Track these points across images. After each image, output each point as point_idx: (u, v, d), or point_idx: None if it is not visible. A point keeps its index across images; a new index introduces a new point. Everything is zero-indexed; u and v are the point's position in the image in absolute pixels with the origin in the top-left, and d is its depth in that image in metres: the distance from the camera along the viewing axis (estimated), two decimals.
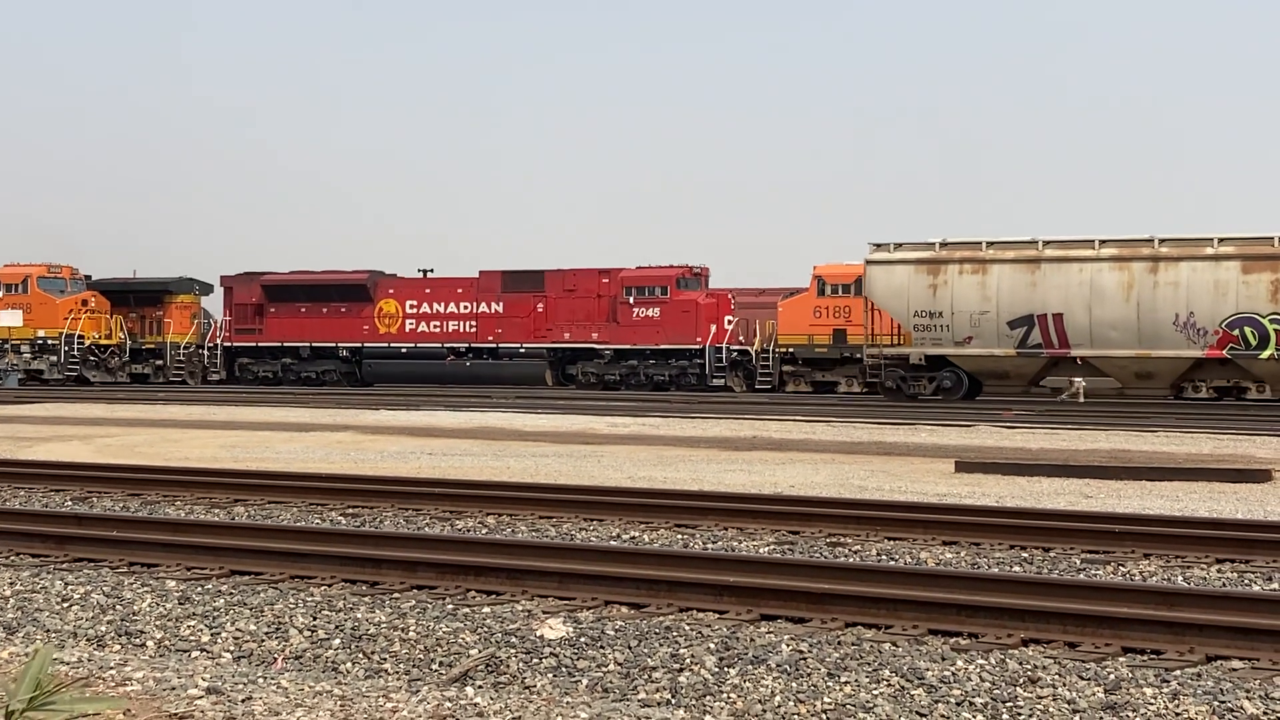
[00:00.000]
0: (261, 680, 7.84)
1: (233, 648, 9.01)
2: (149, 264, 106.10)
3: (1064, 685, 7.68)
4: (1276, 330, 34.81)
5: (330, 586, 10.67)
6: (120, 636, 9.36)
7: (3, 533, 12.75)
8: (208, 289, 54.11)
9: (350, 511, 14.99)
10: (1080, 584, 9.73)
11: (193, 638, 9.26)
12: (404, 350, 49.38)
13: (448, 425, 29.37)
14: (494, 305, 48.18)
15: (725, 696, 7.73)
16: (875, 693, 7.66)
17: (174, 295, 53.44)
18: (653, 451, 23.32)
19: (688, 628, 9.05)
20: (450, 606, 9.79)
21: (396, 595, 10.31)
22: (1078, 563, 11.72)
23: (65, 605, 10.14)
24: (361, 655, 8.75)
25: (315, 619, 9.46)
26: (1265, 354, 34.99)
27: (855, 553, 12.30)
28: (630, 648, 8.60)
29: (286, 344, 51.15)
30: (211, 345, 52.49)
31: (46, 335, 51.81)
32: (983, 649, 8.48)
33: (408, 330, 49.37)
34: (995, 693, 7.61)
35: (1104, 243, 36.35)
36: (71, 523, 13.41)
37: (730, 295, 46.59)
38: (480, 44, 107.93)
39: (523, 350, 47.80)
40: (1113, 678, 7.79)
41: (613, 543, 12.80)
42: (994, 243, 37.33)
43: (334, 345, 50.55)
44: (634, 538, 13.20)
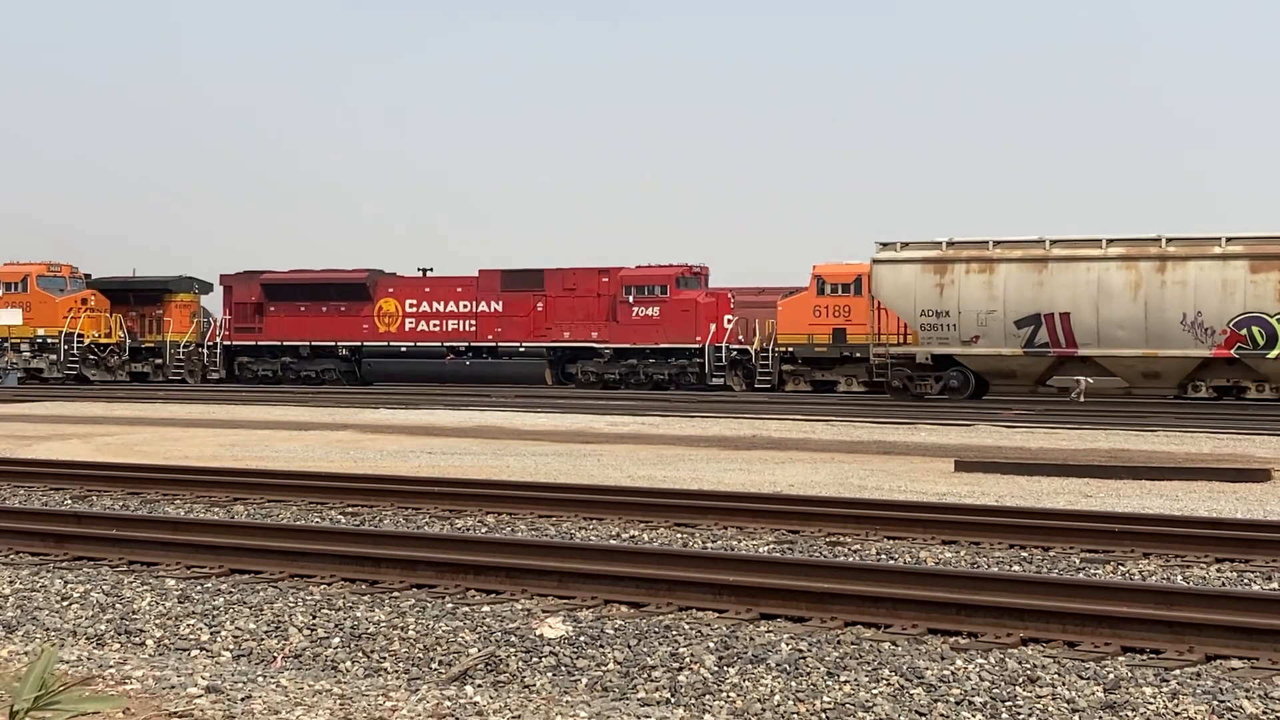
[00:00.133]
0: (261, 679, 7.84)
1: (232, 646, 9.01)
2: (148, 263, 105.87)
3: (1063, 684, 7.69)
4: None
5: (330, 585, 10.67)
6: (120, 635, 9.36)
7: (2, 531, 12.75)
8: (207, 288, 54.10)
9: (350, 510, 14.99)
10: (1080, 583, 9.73)
11: (192, 636, 9.26)
12: (403, 349, 49.36)
13: (447, 424, 29.37)
14: (493, 304, 48.16)
15: (725, 695, 7.74)
16: (875, 692, 7.66)
17: (173, 294, 53.40)
18: (652, 450, 23.32)
19: (687, 627, 9.06)
20: (450, 605, 9.79)
21: (396, 594, 10.31)
22: (1077, 562, 11.72)
23: (65, 604, 10.14)
24: (361, 654, 8.75)
25: (315, 618, 9.46)
26: (1273, 354, 34.91)
27: (855, 552, 12.30)
28: (630, 647, 8.60)
29: (286, 343, 51.12)
30: (211, 344, 52.47)
31: (46, 334, 51.80)
32: (982, 648, 8.48)
33: (407, 329, 49.34)
34: (995, 692, 7.61)
35: (1111, 242, 36.23)
36: (71, 521, 13.41)
37: (730, 294, 46.57)
38: (480, 43, 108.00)
39: (522, 349, 47.78)
40: (1112, 677, 7.79)
41: (612, 542, 12.80)
42: (1001, 242, 37.22)
43: (333, 344, 50.52)
44: (633, 537, 13.20)
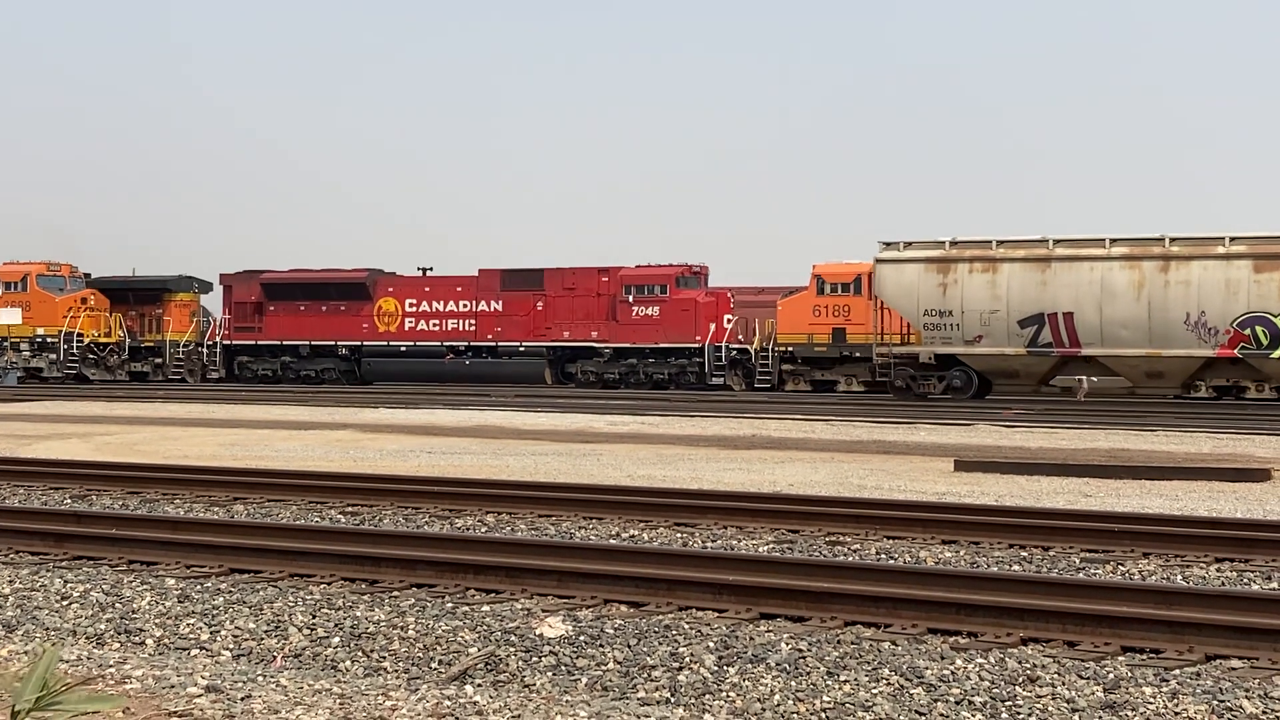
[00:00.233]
0: (261, 678, 7.84)
1: (232, 646, 9.01)
2: (148, 262, 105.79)
3: (1063, 684, 7.69)
4: None
5: (329, 585, 10.66)
6: (119, 635, 9.36)
7: (2, 530, 12.75)
8: (207, 287, 54.09)
9: (349, 510, 14.99)
10: (1079, 583, 9.73)
11: (192, 636, 9.26)
12: (403, 349, 49.35)
13: (447, 424, 29.37)
14: (493, 304, 48.15)
15: (724, 695, 7.74)
16: (874, 691, 7.66)
17: (173, 293, 53.39)
18: (652, 450, 23.33)
19: (687, 626, 9.06)
20: (449, 605, 9.79)
21: (396, 593, 10.31)
22: (1077, 562, 11.72)
23: (64, 603, 10.14)
24: (361, 653, 8.75)
25: (314, 617, 9.46)
26: (1277, 353, 34.82)
27: (854, 551, 12.30)
28: (629, 646, 8.60)
29: (286, 342, 51.11)
30: (211, 343, 52.47)
31: (46, 333, 51.80)
32: (982, 648, 8.48)
33: (407, 329, 49.34)
34: (994, 691, 7.61)
35: (1115, 241, 36.17)
36: (71, 521, 13.42)
37: (729, 294, 46.56)
38: (480, 42, 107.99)
39: (522, 349, 47.77)
40: (1112, 677, 7.79)
41: (612, 541, 12.80)
42: (1004, 241, 37.16)
43: (333, 343, 50.51)
44: (633, 536, 13.20)
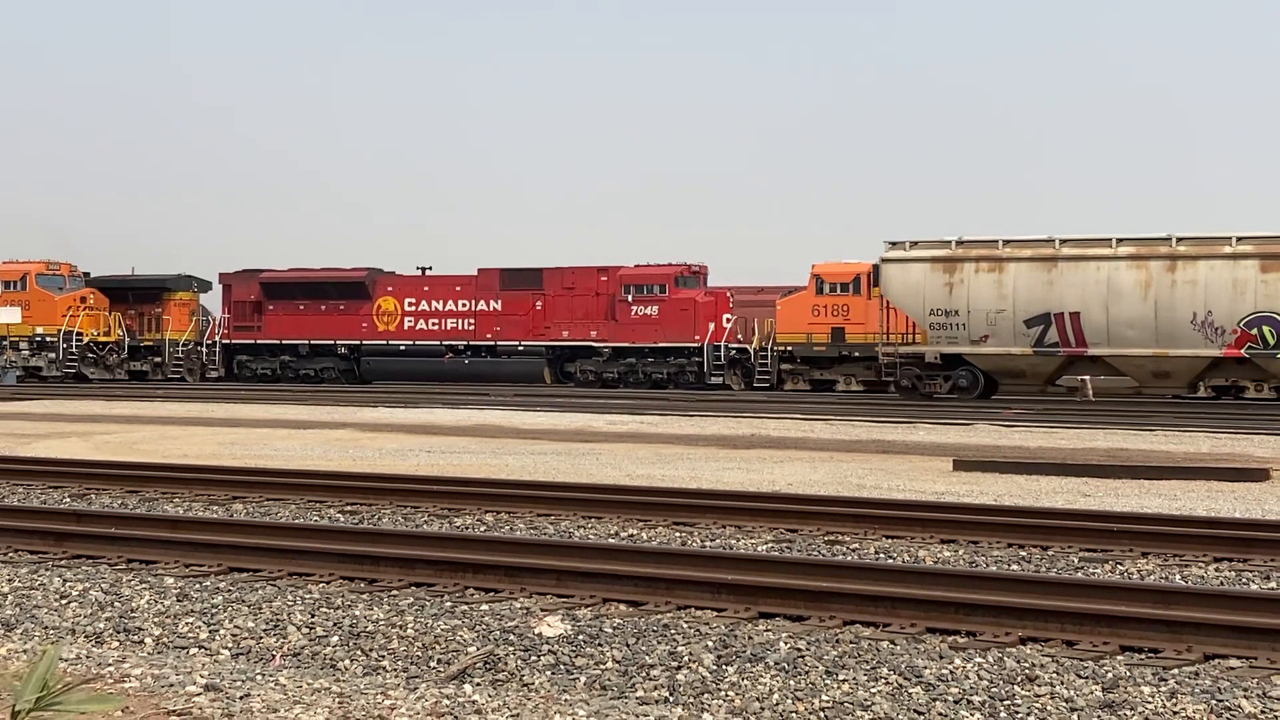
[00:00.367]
0: (260, 677, 7.84)
1: (231, 645, 9.02)
2: (147, 261, 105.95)
3: (1062, 684, 7.69)
4: None
5: (328, 584, 10.67)
6: (119, 633, 9.36)
7: (1, 529, 12.75)
8: (206, 286, 54.07)
9: (348, 509, 14.99)
10: (1078, 583, 9.73)
11: (191, 635, 9.26)
12: (402, 348, 49.34)
13: (446, 423, 29.38)
14: (492, 303, 48.14)
15: (723, 694, 7.74)
16: (873, 691, 7.66)
17: (172, 292, 53.37)
18: (651, 449, 23.33)
19: (686, 626, 9.06)
20: (448, 604, 9.79)
21: (395, 593, 10.31)
22: (1076, 561, 11.72)
23: (64, 602, 10.14)
24: (360, 652, 8.75)
25: (313, 616, 9.46)
26: None
27: (853, 551, 12.30)
28: (628, 645, 8.60)
29: (285, 341, 51.10)
30: (210, 342, 52.46)
31: (45, 332, 51.78)
32: (981, 647, 8.48)
33: (406, 328, 49.33)
34: (993, 691, 7.61)
35: (1121, 241, 36.08)
36: (70, 520, 13.41)
37: (729, 293, 46.56)
38: (479, 41, 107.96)
39: (521, 348, 47.77)
40: (1111, 676, 7.80)
41: (611, 541, 12.80)
42: (1010, 241, 37.07)
43: (332, 343, 50.50)
44: (632, 535, 13.20)
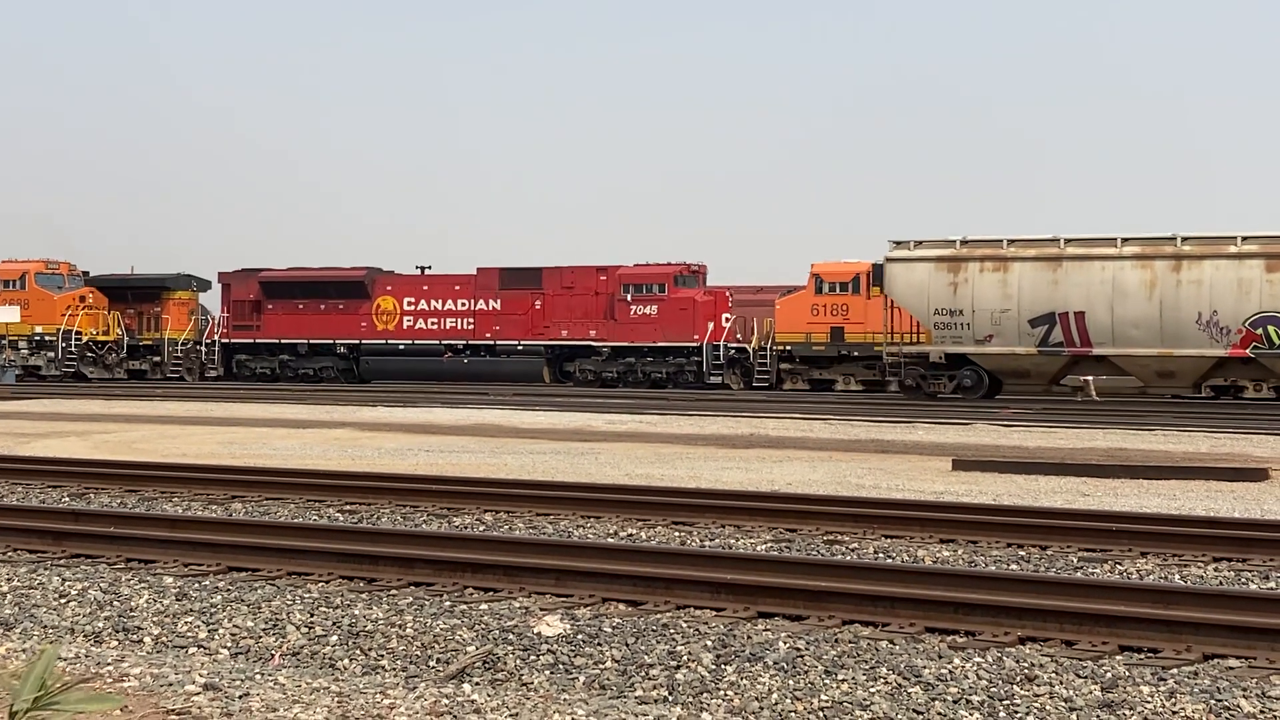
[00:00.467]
0: (259, 677, 7.84)
1: (230, 644, 9.01)
2: (147, 260, 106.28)
3: (1061, 683, 7.69)
4: None
5: (328, 583, 10.67)
6: (117, 633, 9.36)
7: (0, 529, 12.75)
8: (205, 285, 54.07)
9: (348, 508, 14.98)
10: (1077, 582, 9.73)
11: (190, 634, 9.26)
12: (401, 347, 49.35)
13: (445, 422, 29.37)
14: (491, 302, 48.15)
15: (722, 694, 7.74)
16: (872, 690, 7.66)
17: (172, 291, 53.37)
18: (650, 449, 23.32)
19: (685, 625, 9.06)
20: (448, 603, 9.79)
21: (394, 592, 10.31)
22: (1075, 561, 11.72)
23: (62, 601, 10.14)
24: (359, 652, 8.75)
25: (312, 615, 9.46)
26: None
27: (852, 551, 12.30)
28: (627, 645, 8.60)
29: (284, 341, 51.10)
30: (209, 342, 52.47)
31: (44, 331, 51.77)
32: (980, 647, 8.48)
33: (405, 327, 49.33)
34: (992, 691, 7.61)
35: (1126, 241, 35.95)
36: (69, 519, 13.41)
37: (728, 293, 46.58)
38: (478, 40, 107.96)
39: (520, 347, 47.78)
40: (1110, 676, 7.80)
41: (610, 540, 12.80)
42: (1015, 240, 36.93)
43: (331, 342, 50.50)
44: (631, 535, 13.20)
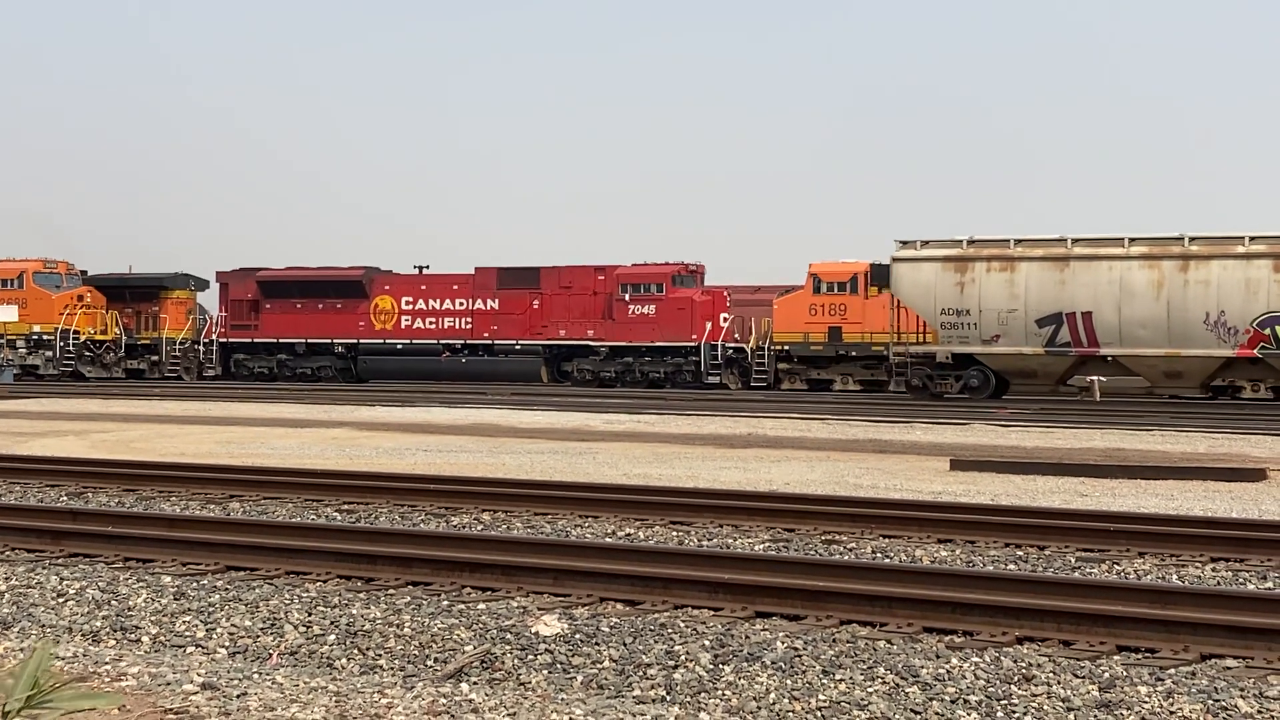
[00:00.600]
0: (257, 676, 7.84)
1: (228, 643, 9.01)
2: (145, 260, 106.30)
3: (1059, 683, 7.69)
4: None
5: (325, 582, 10.67)
6: (115, 632, 9.36)
7: None
8: (203, 285, 54.08)
9: (345, 508, 14.98)
10: (1075, 582, 9.74)
11: (188, 633, 9.26)
12: (399, 347, 49.34)
13: (443, 422, 29.36)
14: (489, 302, 48.15)
15: (720, 694, 7.74)
16: (870, 690, 7.66)
17: (170, 291, 53.38)
18: (648, 449, 23.32)
19: (682, 625, 9.06)
20: (445, 603, 9.79)
21: (392, 591, 10.31)
22: (1073, 561, 11.72)
23: (60, 600, 10.14)
24: (356, 651, 8.75)
25: (310, 615, 9.46)
26: None
27: (850, 550, 12.30)
28: (625, 645, 8.60)
29: (282, 340, 51.09)
30: (207, 341, 52.45)
31: (42, 330, 51.76)
32: (977, 647, 8.49)
33: (403, 327, 49.33)
34: (990, 690, 7.62)
35: (1134, 241, 35.85)
36: (66, 518, 13.40)
37: (726, 293, 46.58)
38: (476, 40, 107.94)
39: (518, 347, 47.78)
40: (1107, 676, 7.80)
41: (608, 540, 12.80)
42: (1022, 240, 36.84)
43: (329, 341, 50.50)
44: (629, 535, 13.20)
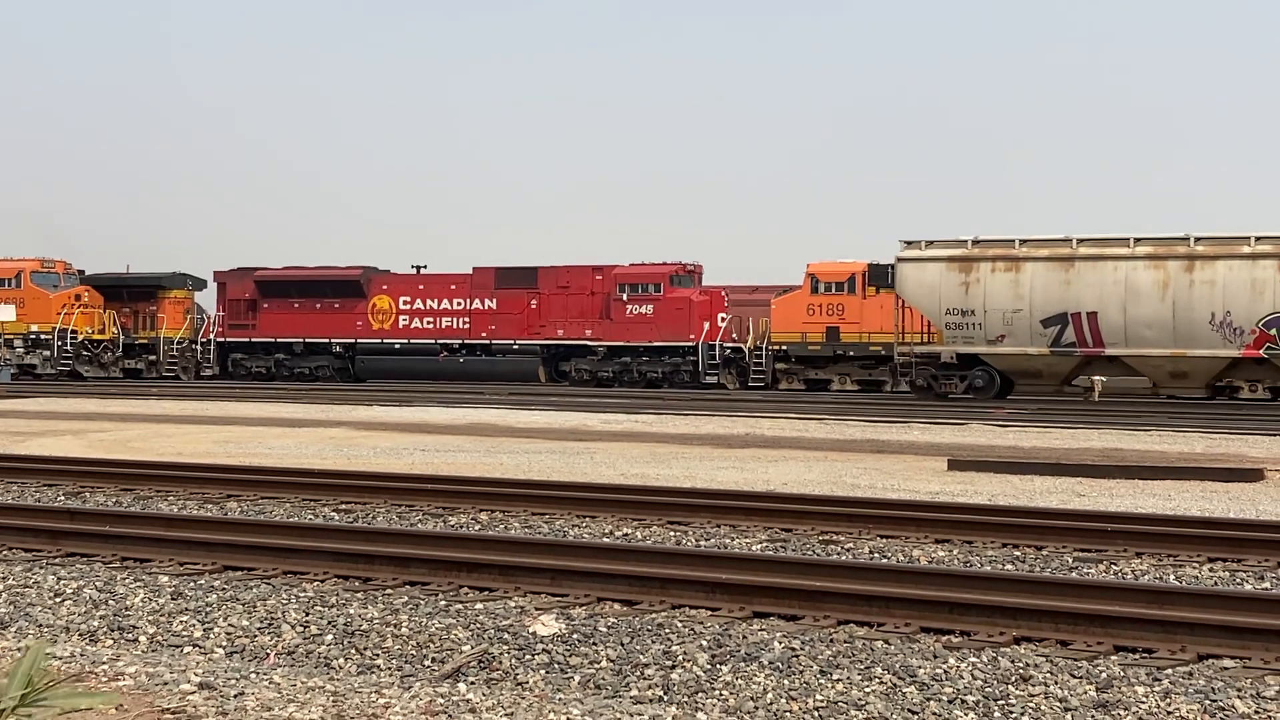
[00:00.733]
0: (254, 676, 7.83)
1: (225, 643, 9.01)
2: (142, 259, 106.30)
3: (1056, 683, 7.70)
4: None
5: (323, 582, 10.66)
6: (113, 631, 9.36)
7: None
8: (201, 284, 54.07)
9: (343, 507, 14.98)
10: (1072, 582, 9.74)
11: (185, 633, 9.26)
12: (397, 346, 49.33)
13: (441, 421, 29.36)
14: (487, 302, 48.13)
15: (717, 694, 7.74)
16: (867, 690, 7.66)
17: (167, 290, 53.36)
18: (646, 448, 23.32)
19: (680, 625, 9.06)
20: (443, 603, 9.79)
21: (389, 591, 10.31)
22: (1070, 561, 11.73)
23: (58, 600, 10.14)
24: (354, 651, 8.75)
25: (308, 615, 9.46)
26: None
27: (847, 550, 12.31)
28: (623, 645, 8.60)
29: (280, 339, 51.07)
30: (205, 340, 52.43)
31: (40, 330, 51.73)
32: (975, 647, 8.49)
33: (401, 326, 49.31)
34: (987, 691, 7.62)
35: (1139, 241, 35.77)
36: (64, 518, 13.40)
37: (723, 293, 46.58)
38: (475, 39, 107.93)
39: (516, 347, 47.77)
40: (1105, 676, 7.80)
41: (605, 540, 12.80)
42: (1027, 240, 36.74)
43: (327, 341, 50.48)
44: (627, 535, 13.20)
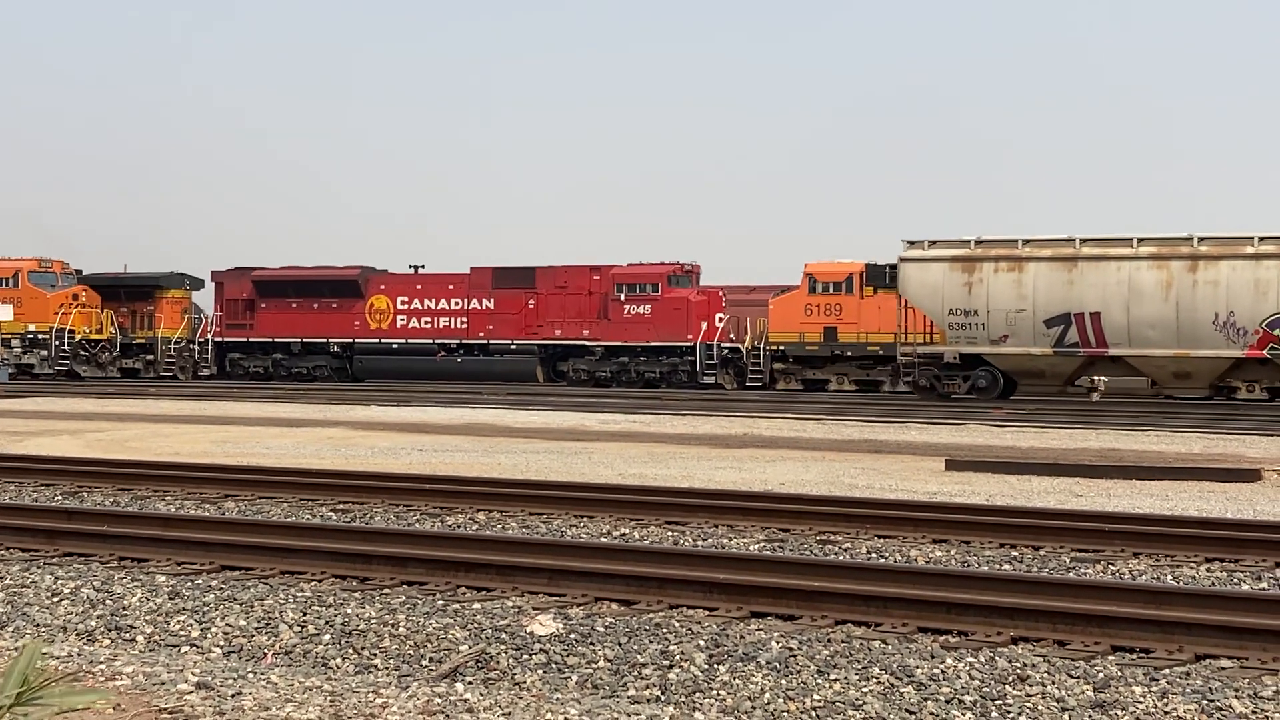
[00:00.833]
0: (251, 675, 7.83)
1: (223, 643, 9.01)
2: (140, 259, 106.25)
3: (1053, 683, 7.70)
4: None
5: (320, 582, 10.66)
6: (110, 631, 9.36)
7: None
8: (199, 284, 54.06)
9: (341, 507, 14.98)
10: (1070, 583, 9.74)
11: (183, 633, 9.26)
12: (395, 346, 49.32)
13: (438, 421, 29.36)
14: (485, 302, 48.13)
15: (715, 694, 7.74)
16: (865, 690, 7.67)
17: (165, 290, 53.36)
18: (643, 448, 23.32)
19: (677, 625, 9.06)
20: (440, 602, 9.79)
21: (386, 591, 10.30)
22: (1067, 561, 11.73)
23: (55, 600, 10.13)
24: (351, 651, 8.75)
25: (305, 614, 9.46)
26: None
27: (845, 550, 12.31)
28: (620, 644, 8.60)
29: (277, 339, 51.06)
30: (202, 340, 52.41)
31: (37, 329, 51.71)
32: (972, 647, 8.49)
33: (399, 326, 49.31)
34: (985, 690, 7.62)
35: (1142, 241, 35.72)
36: (61, 517, 13.39)
37: (721, 293, 46.59)
38: (472, 39, 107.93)
39: (514, 347, 47.76)
40: (1102, 676, 7.81)
41: (603, 540, 12.80)
42: (1030, 240, 36.68)
43: (325, 341, 50.47)
44: (624, 534, 13.20)
